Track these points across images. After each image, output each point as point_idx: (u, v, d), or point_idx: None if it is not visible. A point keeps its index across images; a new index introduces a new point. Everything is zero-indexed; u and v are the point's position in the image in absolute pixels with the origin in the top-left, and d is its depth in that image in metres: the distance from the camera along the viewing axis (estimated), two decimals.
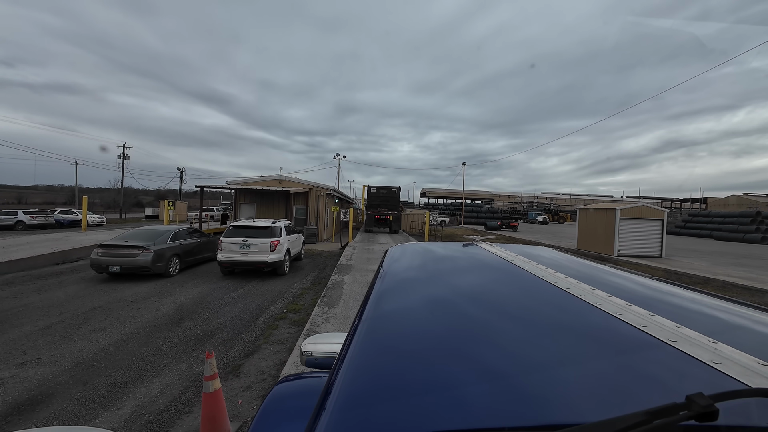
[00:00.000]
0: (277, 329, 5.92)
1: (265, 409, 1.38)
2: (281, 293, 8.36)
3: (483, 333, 0.82)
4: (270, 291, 8.55)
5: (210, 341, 5.33)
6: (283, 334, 5.67)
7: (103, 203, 58.36)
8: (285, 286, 9.07)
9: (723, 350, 0.66)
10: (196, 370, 4.40)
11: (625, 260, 15.87)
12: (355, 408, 0.57)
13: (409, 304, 1.06)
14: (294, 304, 7.45)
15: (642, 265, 14.20)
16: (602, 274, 1.34)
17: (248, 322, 6.24)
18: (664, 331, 0.75)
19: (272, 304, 7.46)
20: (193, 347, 5.09)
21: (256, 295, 8.08)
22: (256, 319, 6.41)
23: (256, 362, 4.68)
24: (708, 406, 0.43)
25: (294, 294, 8.35)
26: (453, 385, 0.60)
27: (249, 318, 6.48)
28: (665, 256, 17.31)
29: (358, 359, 0.71)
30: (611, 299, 0.95)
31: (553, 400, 0.56)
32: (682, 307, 0.98)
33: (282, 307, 7.23)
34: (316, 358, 1.50)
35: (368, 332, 0.83)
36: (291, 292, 8.48)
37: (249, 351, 5.02)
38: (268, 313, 6.79)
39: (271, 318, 6.51)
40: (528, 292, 1.12)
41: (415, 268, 1.51)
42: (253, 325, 6.13)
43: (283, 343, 5.29)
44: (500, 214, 51.78)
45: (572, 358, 0.69)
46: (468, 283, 1.29)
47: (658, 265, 14.15)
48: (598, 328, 0.80)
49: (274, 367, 4.52)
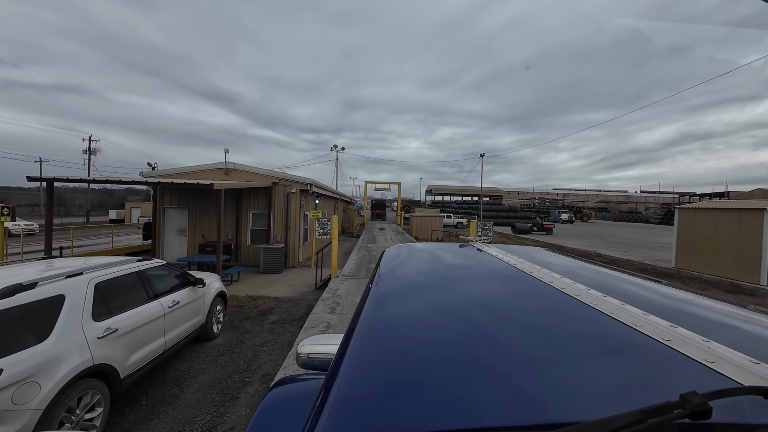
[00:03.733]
0: None
1: (261, 411, 1.30)
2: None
3: (480, 333, 0.83)
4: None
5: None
6: None
7: (75, 204, 52.29)
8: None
9: (716, 349, 0.67)
10: None
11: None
12: (354, 408, 0.57)
13: (407, 304, 1.07)
14: None
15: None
16: (598, 275, 1.34)
17: None
18: (658, 330, 0.75)
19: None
20: None
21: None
22: None
23: None
24: (702, 404, 0.43)
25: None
26: (451, 385, 0.60)
27: None
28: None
29: (357, 359, 0.71)
30: (606, 299, 0.96)
31: (549, 399, 0.56)
32: (676, 308, 1.00)
33: None
34: (312, 360, 1.47)
35: (366, 333, 0.84)
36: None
37: None
38: None
39: None
40: (523, 292, 1.13)
41: (412, 268, 1.54)
42: None
43: None
44: (522, 212, 44.39)
45: (567, 358, 0.69)
46: (464, 283, 1.31)
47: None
48: (594, 328, 0.81)
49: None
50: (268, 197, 12.31)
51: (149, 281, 4.28)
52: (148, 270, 4.38)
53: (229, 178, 12.39)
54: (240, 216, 12.49)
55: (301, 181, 12.70)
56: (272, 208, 12.37)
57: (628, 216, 64.31)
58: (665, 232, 37.12)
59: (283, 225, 12.46)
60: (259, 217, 12.57)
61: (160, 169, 12.67)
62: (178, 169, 12.81)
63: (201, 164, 12.66)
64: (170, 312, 4.41)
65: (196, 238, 12.39)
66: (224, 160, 12.35)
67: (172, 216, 12.53)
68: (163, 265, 4.71)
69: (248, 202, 12.53)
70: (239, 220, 12.48)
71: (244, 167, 12.49)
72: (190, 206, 12.52)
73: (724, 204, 13.47)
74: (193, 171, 12.55)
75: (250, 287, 9.18)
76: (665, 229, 42.91)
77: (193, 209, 12.52)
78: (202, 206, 12.48)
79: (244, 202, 12.51)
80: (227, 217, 12.49)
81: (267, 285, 9.53)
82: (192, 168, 12.66)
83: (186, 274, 5.10)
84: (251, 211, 12.56)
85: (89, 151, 45.37)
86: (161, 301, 4.31)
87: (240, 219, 12.49)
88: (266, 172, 12.50)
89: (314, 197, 13.58)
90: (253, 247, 12.28)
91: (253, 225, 12.58)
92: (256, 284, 9.55)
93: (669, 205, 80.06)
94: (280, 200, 12.51)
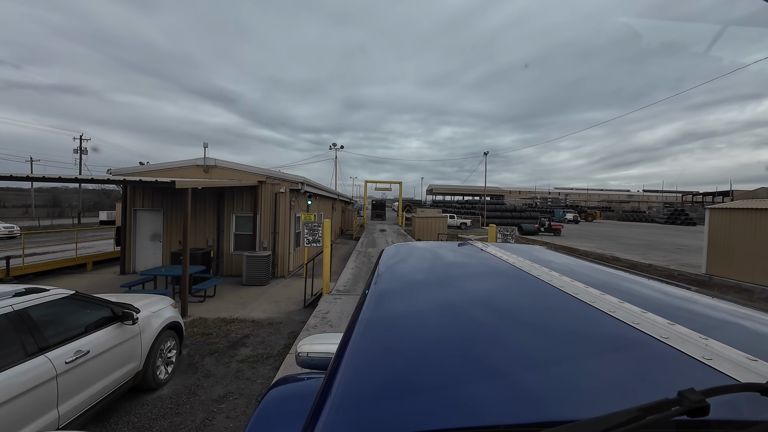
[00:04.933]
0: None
1: (261, 411, 1.29)
2: None
3: (478, 331, 0.83)
4: None
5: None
6: None
7: (70, 206, 51.10)
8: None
9: (713, 346, 0.67)
10: None
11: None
12: (354, 407, 0.57)
13: (405, 303, 1.07)
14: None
15: None
16: (597, 273, 1.34)
17: None
18: (656, 327, 0.75)
19: None
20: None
21: None
22: None
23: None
24: (699, 401, 0.43)
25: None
26: (450, 384, 0.60)
27: None
28: None
29: (356, 358, 0.71)
30: (605, 297, 0.96)
31: (547, 397, 0.56)
32: (674, 305, 0.99)
33: None
34: (311, 359, 1.47)
35: (365, 331, 0.83)
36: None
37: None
38: None
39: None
40: (522, 290, 1.13)
41: (410, 267, 1.54)
42: None
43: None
44: (527, 212, 42.97)
45: (565, 356, 0.69)
46: (462, 281, 1.30)
47: None
48: (592, 326, 0.80)
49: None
50: (254, 198, 10.85)
51: (33, 326, 2.82)
52: (34, 307, 2.93)
53: (210, 175, 10.94)
54: (222, 219, 11.04)
55: (291, 180, 11.25)
56: (258, 210, 10.93)
57: (632, 216, 62.92)
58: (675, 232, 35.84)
59: (271, 229, 11.01)
60: (243, 220, 11.11)
61: (132, 166, 11.22)
62: (152, 166, 11.34)
63: (178, 160, 11.21)
64: (71, 369, 2.96)
65: (172, 244, 10.94)
66: (203, 156, 10.90)
67: (144, 219, 11.08)
68: (67, 298, 3.25)
69: (231, 203, 11.08)
70: (221, 224, 11.03)
71: (226, 164, 11.03)
72: (165, 208, 11.06)
73: (758, 204, 12.04)
74: (169, 168, 11.09)
75: (227, 305, 7.73)
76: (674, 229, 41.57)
77: (169, 212, 11.06)
78: (179, 208, 11.03)
79: (226, 204, 11.06)
80: (207, 220, 11.04)
81: (247, 301, 8.09)
82: (167, 165, 11.20)
83: (110, 306, 3.65)
84: (235, 214, 11.11)
85: (80, 150, 44.44)
86: (53, 354, 2.85)
87: (222, 222, 11.03)
88: (251, 169, 11.05)
89: (306, 197, 12.13)
90: (236, 254, 10.84)
91: (236, 229, 11.13)
92: (234, 301, 8.11)
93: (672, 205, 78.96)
94: (267, 201, 11.06)
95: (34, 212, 46.43)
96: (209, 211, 11.03)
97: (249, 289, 9.26)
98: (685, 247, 22.95)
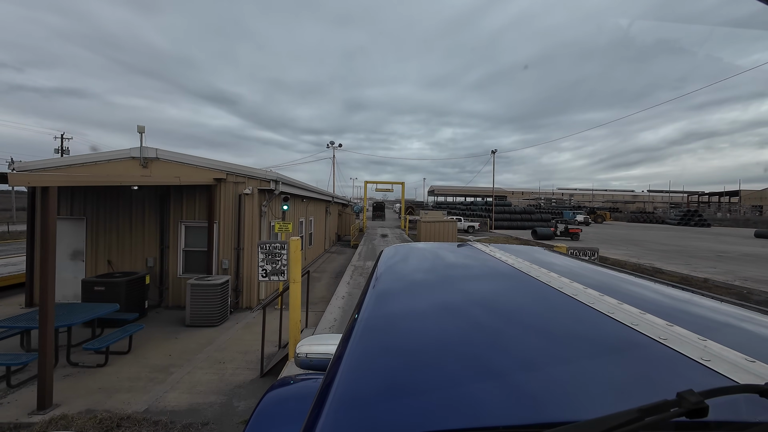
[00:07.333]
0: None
1: (259, 412, 1.26)
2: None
3: (478, 332, 0.82)
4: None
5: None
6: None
7: None
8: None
9: (712, 348, 0.66)
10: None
11: None
12: (353, 407, 0.56)
13: (405, 303, 1.05)
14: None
15: None
16: (596, 274, 1.33)
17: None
18: (654, 329, 0.75)
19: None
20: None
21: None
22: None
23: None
24: (698, 402, 0.43)
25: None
26: (449, 385, 0.59)
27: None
28: None
29: (356, 359, 0.70)
30: (604, 298, 0.95)
31: (546, 398, 0.56)
32: (672, 306, 0.98)
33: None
34: (311, 360, 1.42)
35: (365, 332, 0.82)
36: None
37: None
38: None
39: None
40: (521, 291, 1.12)
41: (410, 267, 1.52)
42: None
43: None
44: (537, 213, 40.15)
45: (564, 357, 0.68)
46: (462, 282, 1.29)
47: None
48: (591, 327, 0.80)
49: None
50: (209, 201, 7.98)
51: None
52: None
53: (149, 170, 8.07)
54: (166, 230, 8.14)
55: (260, 177, 8.36)
56: (216, 218, 8.06)
57: (642, 217, 60.13)
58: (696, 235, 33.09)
59: (233, 244, 8.13)
60: (195, 232, 8.23)
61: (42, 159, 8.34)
62: (73, 158, 8.46)
63: (108, 151, 8.32)
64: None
65: (98, 264, 8.08)
66: (140, 146, 8.01)
67: (62, 232, 8.20)
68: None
69: (179, 209, 8.20)
70: (165, 238, 8.15)
71: (172, 155, 8.14)
72: (89, 216, 8.18)
73: None
74: (94, 162, 8.18)
75: (138, 373, 4.85)
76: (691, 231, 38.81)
77: (94, 220, 8.17)
78: (108, 215, 8.14)
79: (172, 210, 8.18)
80: (147, 233, 8.16)
81: (176, 363, 5.20)
82: (94, 157, 8.31)
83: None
84: (183, 223, 8.22)
85: (62, 150, 42.37)
86: None
87: (166, 235, 8.14)
88: (206, 162, 8.17)
89: (282, 200, 9.23)
90: (186, 277, 7.97)
91: (186, 245, 8.24)
92: (156, 362, 5.22)
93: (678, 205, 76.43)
94: (228, 205, 8.18)
95: (15, 216, 43.26)
96: (149, 219, 8.15)
97: (191, 333, 6.38)
98: (724, 253, 20.14)
